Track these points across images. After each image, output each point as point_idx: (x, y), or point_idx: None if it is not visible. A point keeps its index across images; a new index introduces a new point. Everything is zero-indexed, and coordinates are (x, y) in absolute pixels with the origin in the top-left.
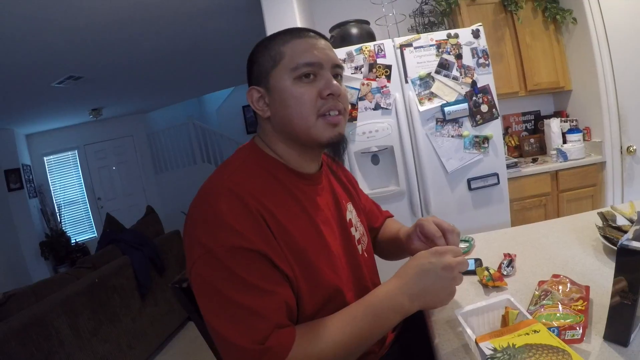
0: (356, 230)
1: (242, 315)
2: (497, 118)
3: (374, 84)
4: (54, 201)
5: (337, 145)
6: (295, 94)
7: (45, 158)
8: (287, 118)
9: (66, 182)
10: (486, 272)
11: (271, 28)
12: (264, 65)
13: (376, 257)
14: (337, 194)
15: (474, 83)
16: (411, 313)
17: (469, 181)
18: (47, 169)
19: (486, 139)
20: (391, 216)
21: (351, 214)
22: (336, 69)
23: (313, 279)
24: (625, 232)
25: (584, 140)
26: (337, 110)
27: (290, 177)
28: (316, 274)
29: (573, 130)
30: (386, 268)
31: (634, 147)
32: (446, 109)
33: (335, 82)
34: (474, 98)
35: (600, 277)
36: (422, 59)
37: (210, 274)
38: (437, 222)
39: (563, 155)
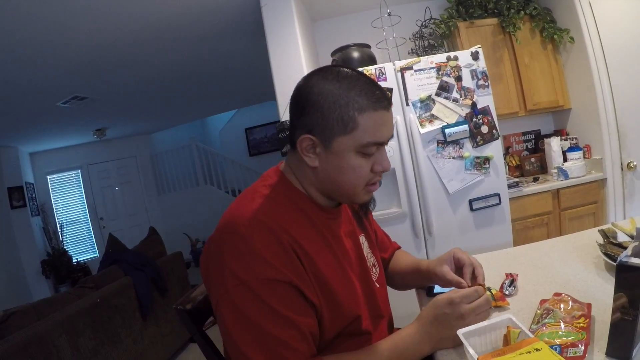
0: (367, 261)
1: (273, 345)
2: (497, 138)
3: None
4: (56, 220)
5: (368, 203)
6: (354, 165)
7: (48, 177)
8: (337, 182)
9: (69, 201)
10: (488, 293)
11: (274, 52)
12: (331, 124)
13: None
14: (353, 226)
15: (474, 104)
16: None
17: (470, 202)
18: (50, 187)
19: (487, 159)
20: (399, 247)
21: (364, 245)
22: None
23: (335, 308)
24: (626, 248)
25: (585, 157)
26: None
27: (315, 210)
28: (338, 304)
29: (573, 148)
30: (395, 298)
31: (635, 163)
32: (447, 130)
33: (387, 158)
34: (474, 119)
35: (602, 294)
36: (422, 81)
37: (244, 305)
38: (471, 258)
39: (564, 173)
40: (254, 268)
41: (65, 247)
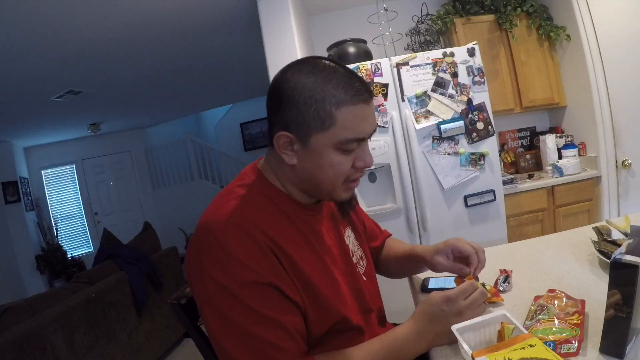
0: (353, 255)
1: (262, 347)
2: (492, 135)
3: None
4: (51, 215)
5: (348, 201)
6: (333, 162)
7: (42, 171)
8: (316, 179)
9: (63, 196)
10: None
11: (270, 46)
12: (307, 120)
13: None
14: (336, 220)
15: (469, 101)
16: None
17: (465, 198)
18: (44, 182)
19: (482, 156)
20: (390, 235)
21: (349, 239)
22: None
23: (320, 307)
24: (620, 246)
25: (580, 155)
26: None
27: (294, 208)
28: (323, 304)
29: (568, 145)
30: (388, 292)
31: (629, 161)
32: (442, 126)
33: (370, 153)
34: (470, 115)
35: (596, 290)
36: (418, 77)
37: (227, 309)
38: (468, 242)
39: (559, 170)
40: (233, 272)
41: (59, 242)
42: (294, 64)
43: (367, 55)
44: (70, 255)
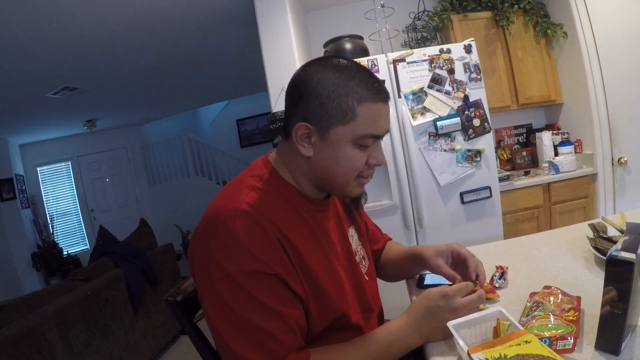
0: (355, 254)
1: (260, 337)
2: (489, 132)
3: None
4: (47, 212)
5: (359, 197)
6: (349, 156)
7: (38, 168)
8: (331, 173)
9: (59, 193)
10: (482, 290)
11: (266, 42)
12: (329, 113)
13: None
14: (341, 219)
15: (466, 97)
16: (418, 346)
17: (461, 195)
18: (40, 179)
19: (478, 152)
20: (390, 239)
21: (352, 238)
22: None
23: (322, 303)
24: (616, 242)
25: (576, 152)
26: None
27: (303, 203)
28: (326, 299)
29: (564, 142)
30: (385, 289)
31: (625, 159)
32: (439, 123)
33: (382, 152)
34: (466, 112)
35: (592, 287)
36: (414, 74)
37: (229, 297)
38: (474, 256)
39: (555, 167)
40: (239, 260)
41: (55, 240)
42: (317, 61)
43: (364, 52)
44: (66, 253)
